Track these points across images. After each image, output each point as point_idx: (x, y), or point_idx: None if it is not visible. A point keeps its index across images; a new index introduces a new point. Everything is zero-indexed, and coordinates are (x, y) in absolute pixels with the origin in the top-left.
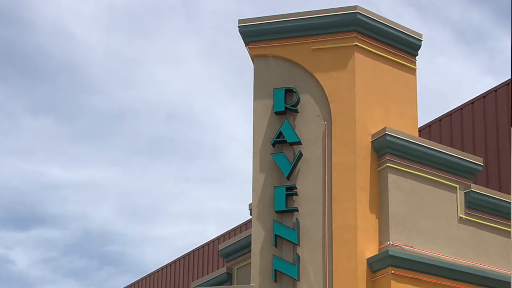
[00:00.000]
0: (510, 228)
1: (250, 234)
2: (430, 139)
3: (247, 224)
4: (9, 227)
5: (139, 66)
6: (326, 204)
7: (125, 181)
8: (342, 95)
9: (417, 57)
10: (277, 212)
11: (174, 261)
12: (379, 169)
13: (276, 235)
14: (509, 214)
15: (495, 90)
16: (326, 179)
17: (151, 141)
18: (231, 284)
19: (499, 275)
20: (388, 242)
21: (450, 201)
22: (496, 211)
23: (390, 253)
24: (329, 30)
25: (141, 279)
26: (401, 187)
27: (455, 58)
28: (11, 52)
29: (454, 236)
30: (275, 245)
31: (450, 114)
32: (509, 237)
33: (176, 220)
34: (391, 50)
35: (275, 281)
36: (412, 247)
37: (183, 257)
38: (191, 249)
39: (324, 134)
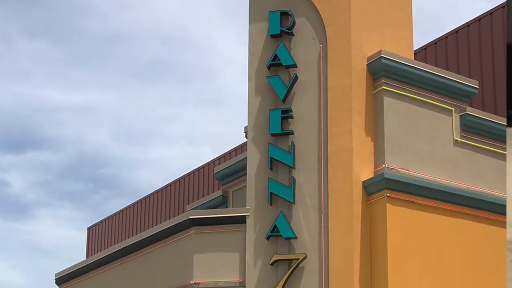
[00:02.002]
0: (505, 151)
1: (246, 157)
2: (425, 62)
3: (242, 147)
4: (5, 150)
5: None
6: (322, 127)
7: (121, 104)
8: (337, 18)
9: None
10: (272, 135)
11: (170, 184)
12: (374, 92)
13: (271, 158)
14: (505, 137)
15: (490, 13)
16: (322, 102)
17: (147, 65)
18: (226, 207)
19: (495, 198)
20: (384, 165)
21: (446, 124)
22: (492, 134)
23: (385, 176)
24: None
25: (136, 202)
26: (397, 110)
27: None
28: None
29: (450, 159)
30: (271, 168)
31: (445, 37)
32: (505, 160)
33: (172, 143)
34: None
35: (271, 204)
36: (407, 170)
37: (179, 180)
38: (186, 172)
39: (320, 57)
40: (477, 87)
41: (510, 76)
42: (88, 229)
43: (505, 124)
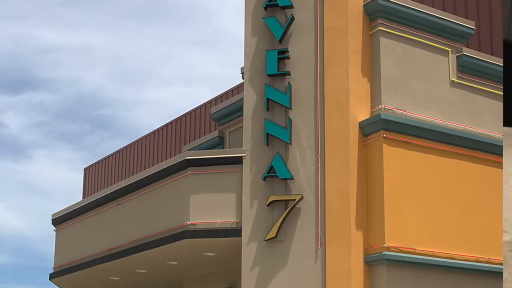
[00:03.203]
0: (501, 91)
1: (242, 98)
2: (422, 3)
3: (239, 88)
4: (1, 91)
5: None
6: (318, 68)
7: (117, 45)
8: None
9: None
10: (269, 75)
11: (166, 125)
12: (371, 33)
13: (268, 99)
14: (501, 77)
15: None
16: (318, 43)
17: (143, 5)
18: (223, 148)
19: (491, 139)
20: (380, 106)
21: (442, 65)
22: (488, 74)
23: (382, 116)
24: None
25: (133, 143)
26: (393, 50)
27: None
28: None
29: (446, 100)
30: (267, 109)
31: None
32: (501, 101)
33: (168, 83)
34: None
35: (267, 144)
36: (404, 110)
37: (175, 120)
38: (183, 113)
39: None
40: (474, 27)
41: (506, 73)
42: (85, 170)
43: (501, 65)
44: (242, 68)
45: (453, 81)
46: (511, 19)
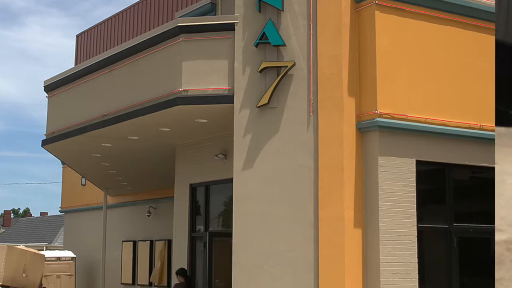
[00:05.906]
0: None
1: None
2: None
3: None
4: None
5: None
6: None
7: None
8: None
9: None
10: None
11: None
12: None
13: None
14: None
15: None
16: None
17: None
18: (215, 15)
19: (483, 5)
20: None
21: None
22: None
23: None
24: None
25: (126, 9)
26: None
27: None
28: None
29: None
30: None
31: None
32: None
33: None
34: None
35: (259, 11)
36: None
37: None
38: None
39: None
40: None
41: (498, 71)
42: (77, 36)
43: None
44: None
45: None
46: (508, 19)
